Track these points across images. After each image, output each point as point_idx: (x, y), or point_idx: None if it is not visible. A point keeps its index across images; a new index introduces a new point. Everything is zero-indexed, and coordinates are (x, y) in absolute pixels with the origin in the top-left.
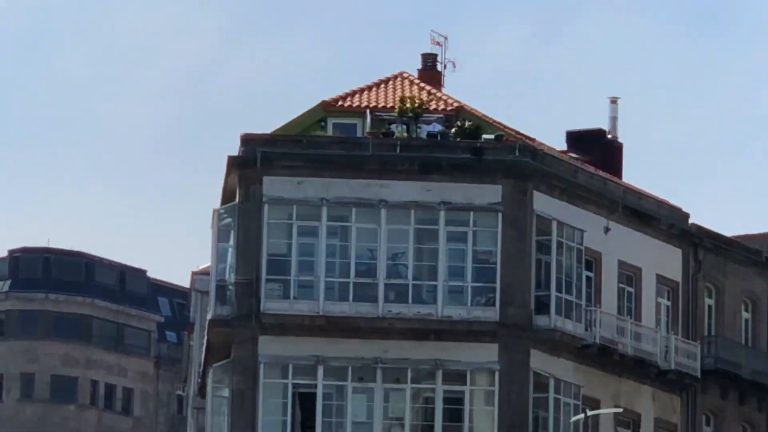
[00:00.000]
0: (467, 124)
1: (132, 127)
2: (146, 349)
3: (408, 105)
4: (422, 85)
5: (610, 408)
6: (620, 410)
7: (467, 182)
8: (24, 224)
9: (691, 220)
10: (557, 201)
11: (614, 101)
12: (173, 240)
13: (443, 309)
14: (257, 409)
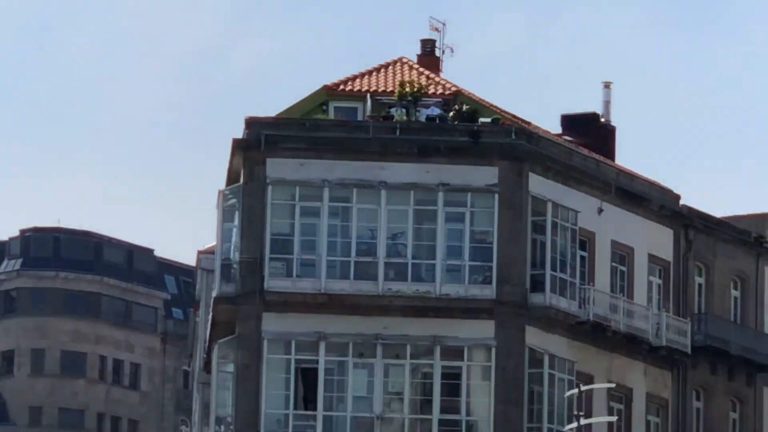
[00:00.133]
0: (465, 107)
1: (139, 111)
2: (153, 325)
3: (407, 89)
4: (421, 70)
5: (603, 383)
6: (613, 385)
7: (465, 164)
8: (35, 205)
9: (681, 202)
10: (552, 182)
11: (607, 86)
12: (180, 220)
13: (441, 287)
14: (261, 383)
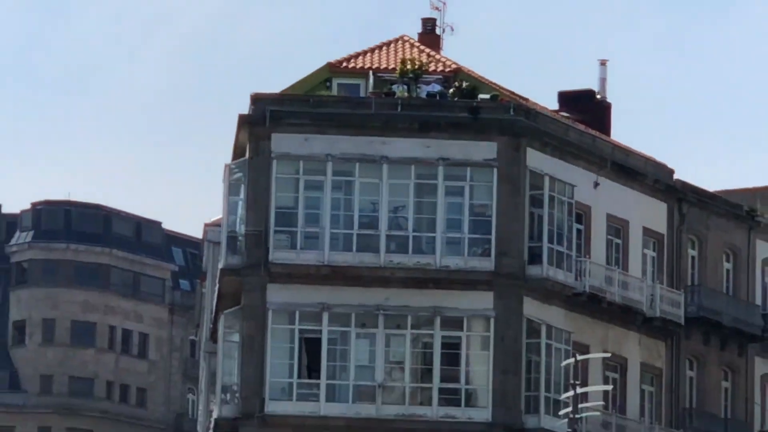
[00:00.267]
0: (464, 84)
1: (148, 87)
2: (161, 296)
3: (408, 66)
4: (422, 47)
5: (599, 353)
6: (608, 355)
7: (464, 139)
8: (46, 179)
9: (675, 176)
10: (549, 157)
11: (603, 63)
12: (187, 193)
13: (441, 259)
14: (265, 353)
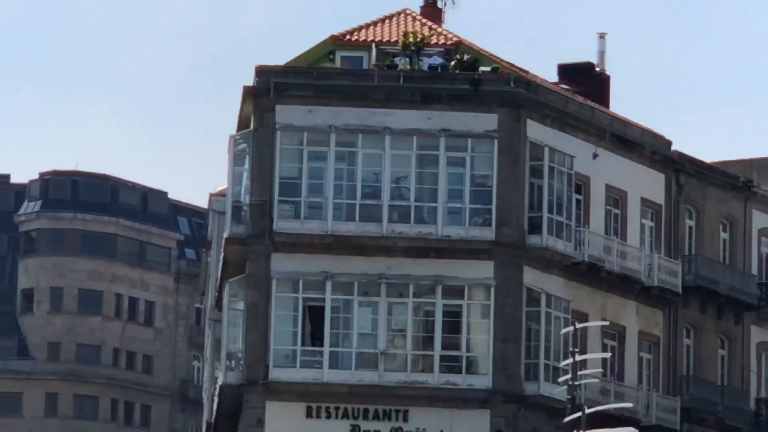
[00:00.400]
0: (465, 57)
1: (155, 60)
2: (167, 265)
3: (411, 39)
4: (424, 21)
5: (598, 321)
6: (607, 323)
7: (465, 111)
8: (54, 149)
9: (673, 147)
10: (549, 129)
11: (602, 36)
12: (192, 164)
13: (443, 229)
14: (270, 321)
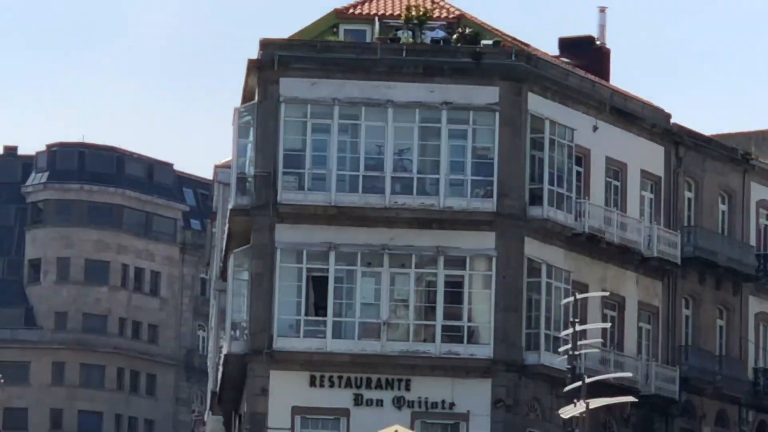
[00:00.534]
0: (467, 30)
1: (161, 33)
2: (172, 235)
3: (413, 13)
4: None
5: (598, 292)
6: (606, 294)
7: (467, 84)
8: (61, 122)
9: (672, 120)
10: (550, 102)
11: (603, 10)
12: (197, 136)
13: (445, 200)
14: (274, 291)
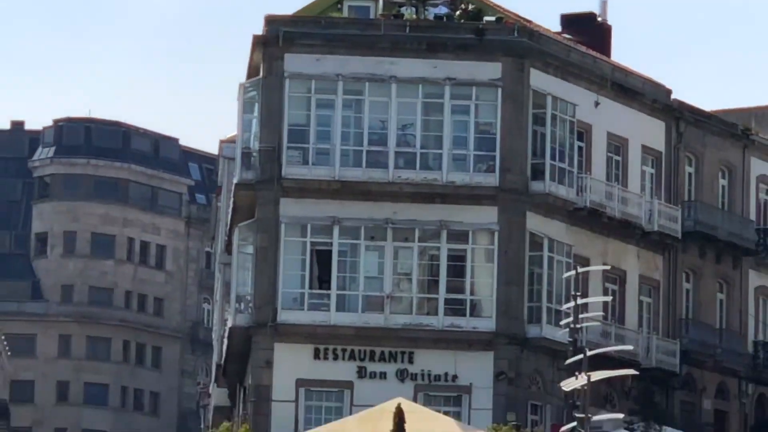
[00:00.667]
0: (470, 7)
1: (166, 8)
2: (178, 209)
3: None
4: None
5: (599, 265)
6: (608, 267)
7: (470, 60)
8: (67, 97)
9: (673, 96)
10: (552, 77)
11: None
12: (203, 111)
13: (448, 175)
14: (278, 264)
